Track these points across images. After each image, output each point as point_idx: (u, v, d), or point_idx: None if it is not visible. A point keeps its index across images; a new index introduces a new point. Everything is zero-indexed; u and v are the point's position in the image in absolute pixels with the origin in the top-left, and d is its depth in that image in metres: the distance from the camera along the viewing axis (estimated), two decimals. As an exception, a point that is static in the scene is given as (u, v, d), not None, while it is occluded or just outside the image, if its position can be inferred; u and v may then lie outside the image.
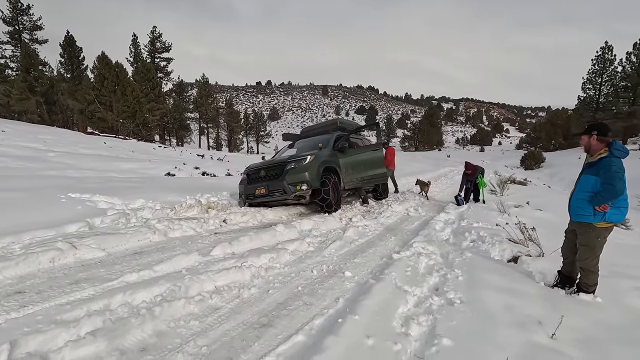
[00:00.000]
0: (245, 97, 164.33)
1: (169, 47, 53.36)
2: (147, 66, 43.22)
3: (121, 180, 8.61)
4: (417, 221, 6.19)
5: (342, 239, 4.42)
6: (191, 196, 6.73)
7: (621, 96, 39.57)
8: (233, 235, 4.40)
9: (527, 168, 37.99)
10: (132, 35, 47.76)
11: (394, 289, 2.90)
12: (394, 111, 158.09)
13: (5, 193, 5.18)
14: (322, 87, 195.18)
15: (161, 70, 52.05)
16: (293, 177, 5.84)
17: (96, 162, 12.87)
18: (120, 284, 2.63)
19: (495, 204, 7.82)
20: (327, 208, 6.13)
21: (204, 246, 3.82)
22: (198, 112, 57.76)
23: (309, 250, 3.97)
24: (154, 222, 4.33)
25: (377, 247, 4.39)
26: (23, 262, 2.80)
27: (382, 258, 3.92)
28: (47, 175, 9.09)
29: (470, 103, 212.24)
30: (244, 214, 5.43)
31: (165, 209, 5.47)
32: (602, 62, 43.08)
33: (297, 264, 3.51)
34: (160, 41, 52.57)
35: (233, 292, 2.71)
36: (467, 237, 4.77)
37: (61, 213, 4.58)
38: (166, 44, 53.09)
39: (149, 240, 3.87)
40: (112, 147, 20.67)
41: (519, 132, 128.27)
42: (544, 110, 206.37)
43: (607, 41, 43.23)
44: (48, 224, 4.05)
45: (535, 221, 6.83)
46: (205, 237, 4.26)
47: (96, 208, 5.07)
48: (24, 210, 4.46)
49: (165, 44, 53.05)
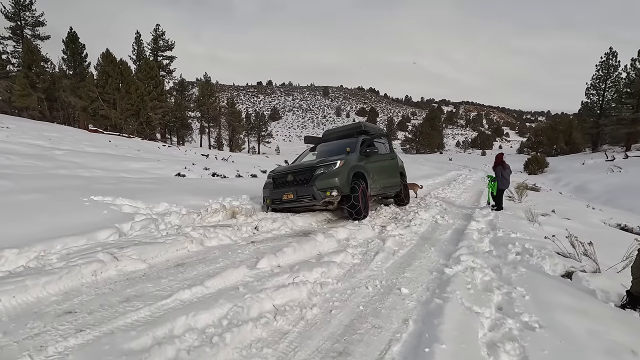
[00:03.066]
0: (245, 96, 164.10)
1: (171, 45, 53.18)
2: (150, 64, 42.93)
3: (135, 181, 8.38)
4: (448, 230, 5.99)
5: (384, 250, 4.21)
6: (213, 200, 6.53)
7: (625, 102, 39.56)
8: (271, 244, 4.19)
9: (531, 173, 37.86)
10: (136, 33, 47.50)
11: (463, 309, 2.70)
12: (394, 113, 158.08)
13: (24, 195, 4.96)
14: (323, 88, 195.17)
15: (163, 69, 51.83)
16: (323, 182, 5.64)
17: (105, 162, 12.62)
18: (175, 303, 2.41)
19: (523, 212, 7.65)
20: (356, 215, 5.92)
21: (247, 257, 3.61)
22: (200, 111, 57.53)
23: (355, 262, 3.76)
24: (189, 230, 4.11)
25: (420, 259, 4.19)
26: (66, 276, 2.58)
27: (432, 272, 3.72)
28: (59, 174, 8.86)
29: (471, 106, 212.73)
30: (274, 220, 5.22)
31: (192, 214, 5.26)
32: (607, 68, 43.11)
33: (349, 279, 3.31)
34: (163, 39, 52.40)
35: (295, 312, 2.50)
36: (511, 249, 4.58)
37: (88, 217, 4.37)
38: (169, 42, 52.92)
39: (186, 250, 3.66)
40: (118, 146, 20.41)
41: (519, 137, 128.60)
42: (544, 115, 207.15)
43: (612, 47, 43.28)
44: (78, 230, 3.83)
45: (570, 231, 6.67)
46: (244, 247, 4.05)
47: (121, 212, 4.86)
48: (48, 214, 4.24)
49: (168, 42, 52.88)
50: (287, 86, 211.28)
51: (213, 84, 65.38)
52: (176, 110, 51.04)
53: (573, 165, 36.56)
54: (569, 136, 53.06)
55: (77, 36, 39.19)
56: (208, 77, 62.69)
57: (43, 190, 5.50)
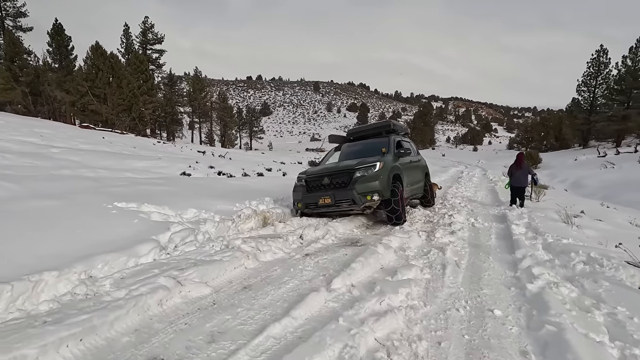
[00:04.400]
0: (235, 91, 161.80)
1: (161, 38, 51.82)
2: (139, 58, 41.63)
3: (146, 182, 7.88)
4: (491, 235, 5.73)
5: (448, 262, 3.91)
6: (240, 204, 6.13)
7: (615, 99, 40.24)
8: (327, 257, 3.84)
9: (525, 169, 38.15)
10: (124, 26, 46.01)
11: (583, 338, 2.40)
12: (384, 109, 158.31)
13: (38, 201, 4.48)
14: (314, 83, 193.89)
15: (153, 63, 50.45)
16: (363, 186, 5.29)
17: (106, 160, 12.00)
18: (271, 342, 2.05)
19: (553, 213, 7.46)
20: (396, 220, 5.61)
21: (313, 275, 3.25)
22: (191, 106, 56.29)
23: (427, 277, 3.44)
24: (239, 243, 3.71)
25: (486, 271, 3.90)
26: (133, 309, 2.18)
27: (510, 287, 3.44)
28: (62, 175, 8.29)
29: (459, 102, 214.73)
30: (315, 228, 4.87)
31: (225, 222, 4.86)
32: (597, 65, 43.73)
33: (433, 299, 2.99)
34: (152, 32, 51.01)
35: (405, 348, 2.17)
36: (575, 258, 4.31)
37: (120, 228, 3.93)
38: (158, 35, 51.55)
39: (244, 267, 3.28)
40: (112, 143, 19.61)
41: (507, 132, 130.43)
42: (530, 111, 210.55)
43: (602, 44, 43.90)
44: (115, 245, 3.41)
45: (609, 234, 6.50)
46: (301, 261, 3.68)
47: (152, 221, 4.43)
48: (74, 225, 3.78)
49: (158, 36, 51.51)
50: (277, 81, 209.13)
51: (204, 78, 64.01)
52: (166, 106, 49.83)
53: (566, 161, 37.02)
54: (559, 132, 53.77)
55: (63, 28, 37.62)
56: (199, 71, 61.30)
57: (56, 195, 5.02)
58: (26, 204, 4.26)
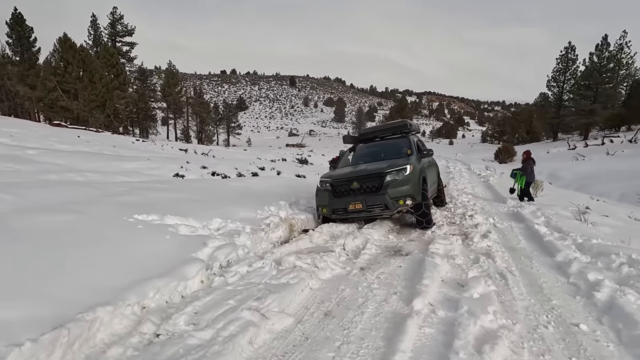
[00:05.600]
0: (209, 85, 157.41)
1: (131, 30, 49.52)
2: (109, 51, 39.47)
3: (147, 187, 7.34)
4: (518, 236, 5.71)
5: (502, 270, 3.82)
6: (261, 210, 5.82)
7: (583, 94, 42.26)
8: (385, 270, 3.64)
9: (501, 162, 39.49)
10: (91, 16, 43.39)
11: (689, 354, 2.35)
12: (361, 103, 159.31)
13: (48, 215, 4.00)
14: (290, 77, 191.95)
15: (123, 56, 48.06)
16: (395, 190, 5.13)
17: (91, 162, 11.20)
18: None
19: (565, 210, 7.61)
20: (426, 224, 5.50)
21: (384, 294, 3.03)
22: (165, 101, 54.20)
23: (493, 289, 3.29)
24: (293, 259, 3.44)
25: (539, 277, 3.83)
26: (231, 354, 1.89)
27: (575, 296, 3.38)
28: (51, 180, 7.63)
29: (433, 97, 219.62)
30: (353, 236, 4.66)
31: (258, 232, 4.56)
32: (566, 62, 45.69)
33: (515, 315, 2.85)
34: (122, 24, 48.57)
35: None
36: (615, 259, 4.33)
37: (154, 246, 3.55)
38: (128, 27, 49.18)
39: (309, 287, 3.02)
40: (89, 142, 18.43)
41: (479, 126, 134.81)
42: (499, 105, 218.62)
43: (570, 41, 45.88)
44: (158, 268, 3.05)
45: (623, 230, 6.69)
46: (361, 277, 3.45)
47: (182, 235, 4.06)
48: (103, 245, 3.35)
49: (128, 27, 49.15)
50: (252, 75, 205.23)
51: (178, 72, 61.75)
52: (139, 101, 47.74)
53: (539, 154, 38.43)
54: (530, 126, 56.04)
55: (23, 18, 34.93)
56: (173, 65, 59.06)
57: (58, 205, 4.51)
58: (34, 220, 3.77)
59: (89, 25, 42.58)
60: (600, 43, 40.38)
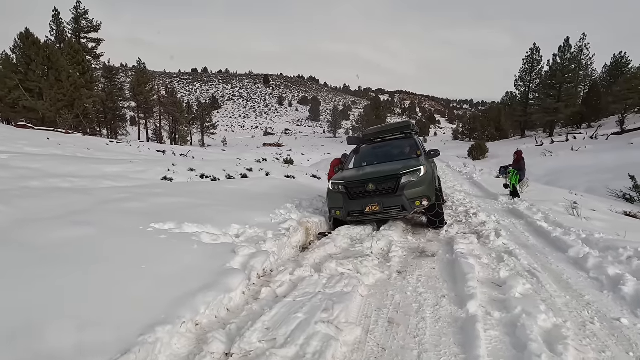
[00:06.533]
0: (180, 84, 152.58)
1: (97, 26, 47.17)
2: (74, 47, 37.40)
3: (143, 191, 6.99)
4: (525, 233, 5.93)
5: (528, 268, 3.93)
6: (272, 214, 5.70)
7: (548, 93, 44.61)
8: (422, 273, 3.65)
9: (475, 158, 40.98)
10: (53, 11, 40.88)
11: None
12: (336, 102, 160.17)
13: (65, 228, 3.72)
14: (263, 76, 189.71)
15: (89, 53, 45.65)
16: (412, 191, 5.18)
17: (71, 166, 10.53)
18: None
19: (556, 206, 7.99)
20: (439, 224, 5.61)
21: (435, 299, 3.03)
22: (135, 100, 52.04)
23: (528, 288, 3.38)
24: (334, 265, 3.37)
25: (562, 274, 3.97)
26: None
27: (602, 290, 3.52)
28: (36, 188, 7.10)
29: (405, 95, 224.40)
30: (377, 239, 4.65)
31: (281, 238, 4.46)
32: (531, 62, 47.96)
33: (560, 313, 2.95)
34: (87, 19, 46.17)
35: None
36: (624, 253, 4.55)
37: (187, 258, 3.38)
38: (94, 22, 46.81)
39: (359, 295, 2.96)
40: (61, 144, 17.35)
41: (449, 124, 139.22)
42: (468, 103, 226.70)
43: (535, 43, 48.25)
44: (199, 281, 2.91)
45: (614, 224, 7.09)
46: (403, 280, 3.43)
47: (208, 244, 3.90)
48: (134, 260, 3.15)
49: (93, 23, 46.77)
50: (224, 74, 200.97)
51: (148, 71, 59.44)
52: (107, 100, 45.61)
53: (510, 150, 39.92)
54: (499, 123, 58.53)
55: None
56: (142, 63, 56.80)
57: (60, 216, 4.21)
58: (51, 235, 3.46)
59: (51, 21, 40.11)
60: (562, 45, 42.72)
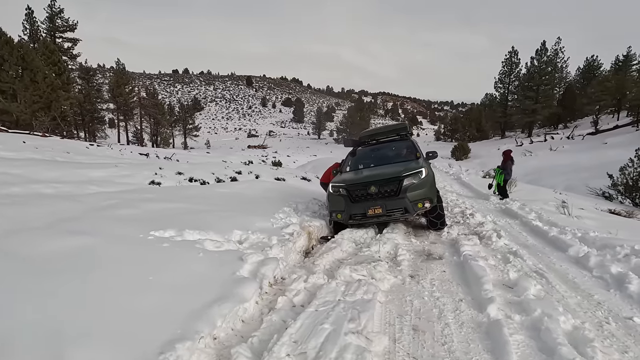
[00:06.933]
0: (160, 85, 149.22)
1: (73, 25, 45.69)
2: (50, 47, 36.04)
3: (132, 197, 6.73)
4: (522, 232, 6.03)
5: (535, 269, 3.98)
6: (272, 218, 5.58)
7: (526, 95, 46.03)
8: (434, 277, 3.61)
9: (458, 159, 41.81)
10: (26, 9, 39.28)
11: None
12: (319, 103, 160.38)
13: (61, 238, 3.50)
14: (246, 77, 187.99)
15: (65, 53, 44.11)
16: (415, 194, 5.17)
17: (52, 171, 10.05)
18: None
19: (547, 205, 8.17)
20: (440, 226, 5.63)
21: (453, 302, 2.99)
22: (115, 102, 50.57)
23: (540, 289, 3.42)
24: (349, 272, 3.28)
25: (567, 273, 4.03)
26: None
27: (608, 289, 3.59)
28: (19, 194, 6.75)
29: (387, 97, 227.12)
30: (383, 242, 4.61)
31: (287, 243, 4.36)
32: (510, 65, 49.40)
33: (576, 313, 2.97)
34: (62, 18, 44.66)
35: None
36: (621, 251, 4.67)
37: (194, 267, 3.23)
38: (69, 21, 45.32)
39: (378, 301, 2.88)
40: (38, 148, 16.60)
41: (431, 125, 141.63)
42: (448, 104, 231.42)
43: (514, 46, 49.71)
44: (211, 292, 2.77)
45: (603, 223, 7.30)
46: (416, 285, 3.39)
47: (213, 252, 3.74)
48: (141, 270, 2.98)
49: (69, 22, 45.28)
50: (206, 75, 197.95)
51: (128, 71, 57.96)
52: (85, 102, 44.17)
53: (491, 151, 41.37)
54: (479, 124, 59.96)
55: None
56: (121, 63, 55.36)
57: (71, 229, 3.97)
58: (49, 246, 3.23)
59: (24, 19, 38.53)
60: (539, 48, 44.17)
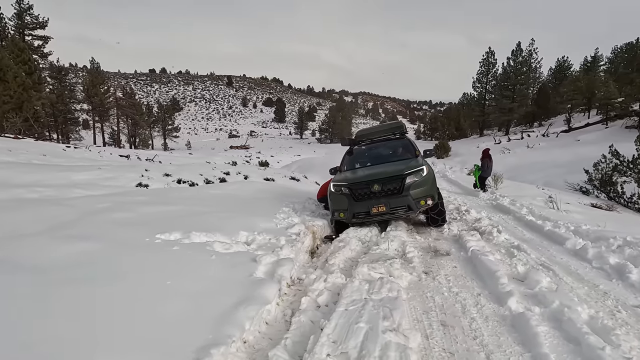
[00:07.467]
0: (137, 85, 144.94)
1: (44, 23, 43.79)
2: (19, 45, 34.41)
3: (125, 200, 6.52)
4: (518, 227, 6.21)
5: (539, 262, 4.10)
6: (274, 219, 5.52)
7: (503, 94, 47.43)
8: (448, 273, 3.66)
9: (439, 157, 42.63)
10: (-8, 5, 37.28)
11: None
12: (300, 103, 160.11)
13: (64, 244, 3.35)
14: (227, 77, 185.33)
15: (35, 51, 42.18)
16: (417, 191, 5.23)
17: (31, 174, 9.54)
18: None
19: (535, 200, 8.44)
20: (441, 222, 5.71)
21: (473, 297, 3.03)
22: (90, 102, 48.75)
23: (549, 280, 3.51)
24: (367, 270, 3.27)
25: (569, 265, 4.18)
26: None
27: (611, 279, 3.74)
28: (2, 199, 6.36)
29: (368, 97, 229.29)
30: (390, 240, 4.63)
31: (295, 243, 4.32)
32: (487, 65, 50.75)
33: (593, 305, 3.07)
34: (31, 15, 42.74)
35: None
36: (614, 243, 4.89)
37: (210, 270, 3.16)
38: (39, 18, 43.41)
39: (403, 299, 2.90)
40: (12, 151, 15.75)
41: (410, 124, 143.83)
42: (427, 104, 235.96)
43: (490, 47, 51.21)
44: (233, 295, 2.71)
45: (590, 216, 7.60)
46: (433, 282, 3.42)
47: (225, 254, 3.68)
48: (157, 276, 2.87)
49: (39, 19, 43.36)
50: (185, 74, 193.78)
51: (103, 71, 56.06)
52: (57, 103, 42.40)
53: (471, 149, 42.47)
54: (458, 123, 61.40)
55: None
56: (96, 62, 53.51)
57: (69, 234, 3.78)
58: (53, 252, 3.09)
59: (-10, 15, 36.59)
60: (515, 49, 45.64)
